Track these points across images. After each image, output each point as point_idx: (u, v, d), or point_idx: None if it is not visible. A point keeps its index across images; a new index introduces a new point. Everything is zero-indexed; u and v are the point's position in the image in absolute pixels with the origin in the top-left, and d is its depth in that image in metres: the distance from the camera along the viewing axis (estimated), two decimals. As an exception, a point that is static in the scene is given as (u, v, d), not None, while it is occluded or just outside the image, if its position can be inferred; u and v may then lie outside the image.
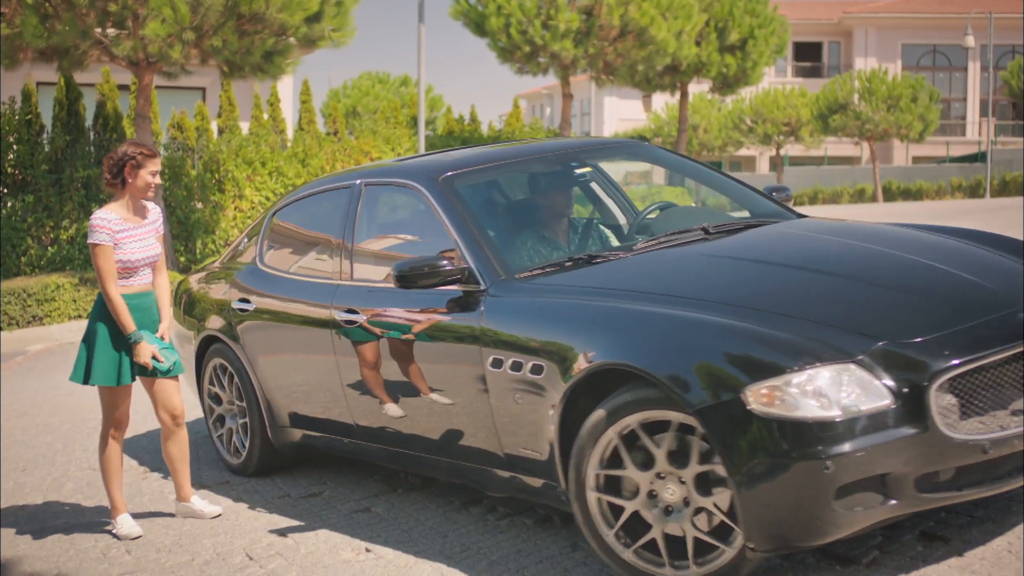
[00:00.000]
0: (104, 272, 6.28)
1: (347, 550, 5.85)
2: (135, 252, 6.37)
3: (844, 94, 50.92)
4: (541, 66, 30.49)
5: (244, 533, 6.37)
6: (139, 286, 6.44)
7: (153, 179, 6.38)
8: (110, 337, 6.37)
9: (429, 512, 6.33)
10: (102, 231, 6.29)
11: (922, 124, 50.68)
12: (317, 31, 21.55)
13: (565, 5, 28.38)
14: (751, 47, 36.67)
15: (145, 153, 6.39)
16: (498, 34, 29.08)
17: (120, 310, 6.29)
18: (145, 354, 6.32)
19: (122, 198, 6.43)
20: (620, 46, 29.51)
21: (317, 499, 6.89)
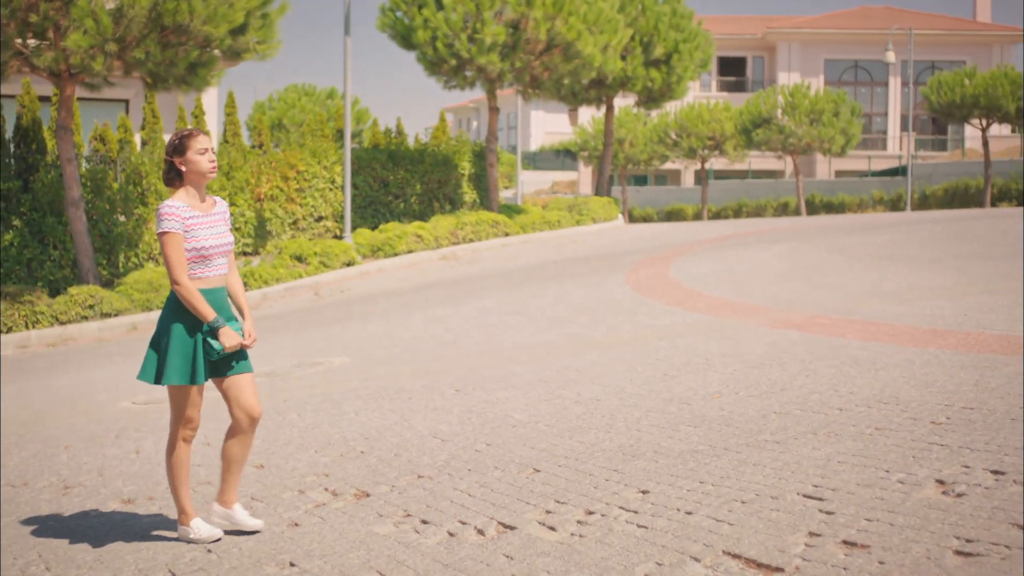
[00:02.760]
0: (174, 262, 5.91)
1: (271, 564, 5.79)
2: (208, 239, 6.03)
3: (767, 108, 51.41)
4: (468, 79, 30.51)
5: (168, 548, 6.29)
6: (214, 279, 6.08)
7: (203, 156, 6.02)
8: (184, 333, 6.00)
9: (354, 525, 6.29)
10: (171, 218, 5.92)
11: (844, 138, 51.27)
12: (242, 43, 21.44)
13: (492, 19, 28.41)
14: (676, 61, 36.94)
15: (185, 133, 6.07)
16: (425, 47, 29.05)
17: (195, 298, 5.92)
18: (232, 337, 5.99)
19: (183, 187, 6.08)
20: (546, 60, 29.60)
21: (241, 513, 6.82)
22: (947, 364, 8.59)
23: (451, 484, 6.89)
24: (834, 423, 7.11)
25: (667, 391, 8.82)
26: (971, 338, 9.67)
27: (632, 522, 5.65)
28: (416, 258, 26.55)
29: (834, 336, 10.58)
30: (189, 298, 5.92)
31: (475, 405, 9.34)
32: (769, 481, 6.01)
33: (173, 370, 5.98)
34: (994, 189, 52.26)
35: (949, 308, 11.64)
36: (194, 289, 5.93)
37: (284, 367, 13.14)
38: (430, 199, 31.44)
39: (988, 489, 5.42)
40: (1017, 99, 49.66)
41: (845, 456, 6.30)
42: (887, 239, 22.07)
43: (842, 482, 5.82)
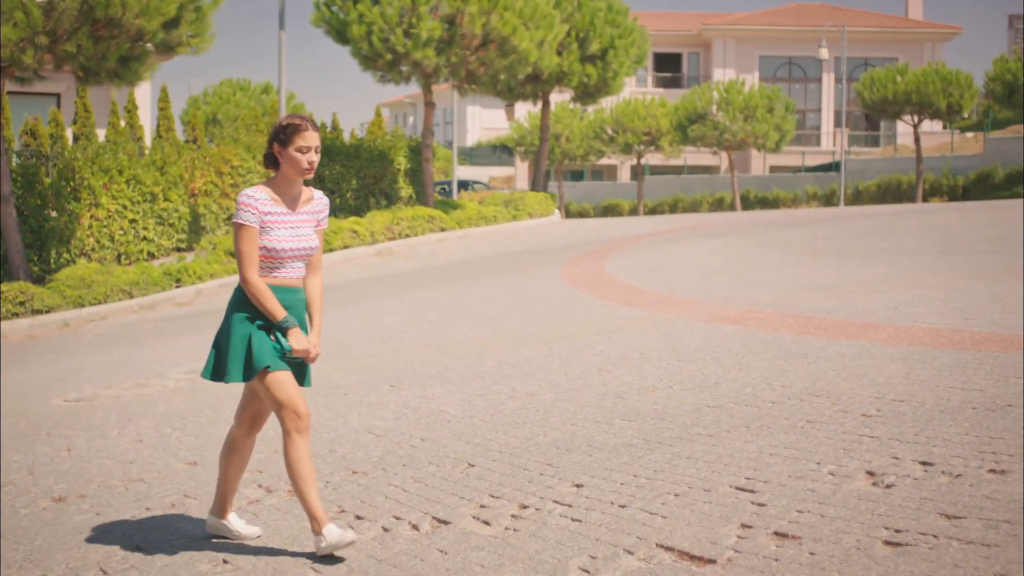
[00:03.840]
0: (244, 256, 5.43)
1: (204, 562, 5.75)
2: (283, 240, 5.49)
3: (703, 105, 51.71)
4: (403, 74, 30.44)
5: (100, 547, 6.23)
6: (284, 279, 5.55)
7: (305, 156, 5.47)
8: (248, 325, 5.51)
9: (289, 521, 6.26)
10: (248, 210, 5.44)
11: (778, 134, 51.66)
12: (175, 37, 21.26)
13: (427, 14, 28.35)
14: (612, 57, 37.05)
15: (294, 125, 5.50)
16: (360, 42, 28.94)
17: (263, 294, 5.43)
18: (302, 340, 5.50)
19: (276, 178, 5.57)
20: (482, 55, 29.57)
21: (177, 510, 6.77)
22: (878, 357, 8.68)
23: (385, 479, 6.87)
24: (766, 416, 7.17)
25: (602, 386, 8.86)
26: (901, 331, 9.78)
27: (566, 516, 5.66)
28: (352, 254, 26.45)
29: (768, 330, 10.66)
30: (258, 296, 5.44)
31: (410, 400, 9.33)
32: (702, 474, 6.04)
33: (235, 366, 5.47)
34: (925, 185, 52.88)
35: (880, 302, 11.77)
36: (263, 286, 5.45)
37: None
38: (366, 194, 31.34)
39: (917, 480, 5.48)
40: (947, 96, 50.27)
41: (777, 449, 6.35)
42: (820, 234, 22.28)
43: (774, 474, 5.87)
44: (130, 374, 13.02)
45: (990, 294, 11.66)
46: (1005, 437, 6.02)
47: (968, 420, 6.47)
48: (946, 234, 19.99)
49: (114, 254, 24.57)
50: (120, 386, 12.18)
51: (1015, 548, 4.45)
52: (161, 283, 21.99)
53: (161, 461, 8.22)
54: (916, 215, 27.38)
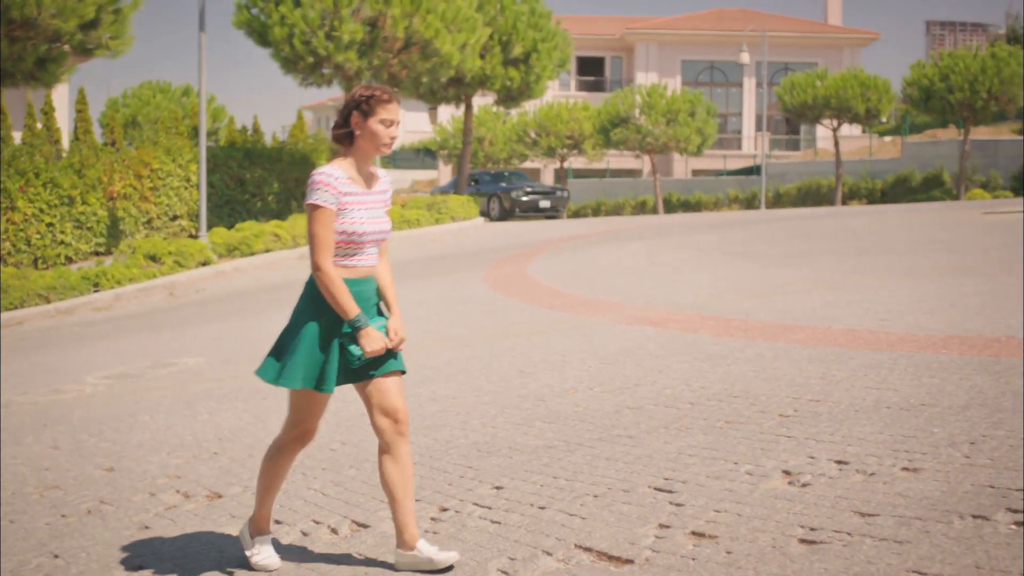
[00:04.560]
0: (320, 241, 4.91)
1: (119, 569, 5.69)
2: (363, 223, 5.00)
3: (625, 108, 51.95)
4: (325, 77, 30.32)
5: (13, 554, 6.14)
6: (363, 269, 5.07)
7: (388, 130, 5.00)
8: (318, 329, 5.01)
9: (206, 527, 6.20)
10: (326, 189, 4.92)
11: (700, 138, 52.02)
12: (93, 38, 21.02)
13: (349, 16, 28.26)
14: (534, 61, 37.14)
15: (377, 96, 5.00)
16: (281, 44, 28.78)
17: (337, 289, 4.92)
18: (376, 340, 4.96)
19: (350, 155, 5.07)
20: (404, 58, 29.54)
21: (94, 516, 6.69)
22: (795, 358, 8.78)
23: (305, 484, 6.84)
24: (685, 417, 7.22)
25: (523, 388, 8.87)
26: (819, 332, 9.89)
27: (485, 518, 5.67)
28: (274, 257, 26.29)
29: (688, 332, 10.74)
30: (331, 287, 4.91)
31: (330, 404, 9.27)
32: (621, 475, 6.07)
33: (296, 371, 5.00)
34: (845, 188, 53.50)
35: (798, 303, 11.89)
36: (338, 279, 4.93)
37: (137, 368, 12.91)
38: (288, 198, 31.16)
39: (832, 479, 5.55)
40: (866, 101, 50.90)
41: (695, 449, 6.40)
42: (741, 236, 22.48)
43: (692, 475, 5.91)
44: (47, 380, 12.85)
45: (906, 295, 11.82)
46: (918, 436, 6.11)
47: (882, 419, 6.55)
48: (864, 236, 20.25)
49: (31, 258, 24.24)
50: (36, 392, 12.01)
51: (927, 545, 4.52)
52: (79, 287, 21.72)
53: (77, 467, 8.12)
54: (835, 218, 27.70)
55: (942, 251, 16.35)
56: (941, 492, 5.16)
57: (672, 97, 52.04)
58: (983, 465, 5.47)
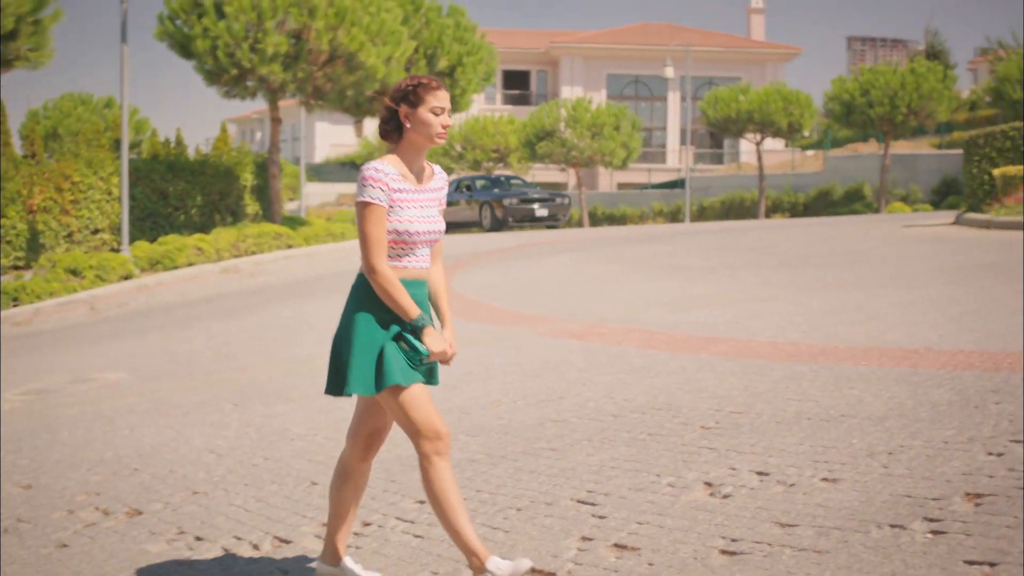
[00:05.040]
0: (372, 240, 4.59)
1: (36, 587, 5.61)
2: (416, 221, 4.69)
3: (551, 122, 52.14)
4: (249, 89, 30.14)
5: (-76, 574, 6.03)
6: (415, 271, 4.74)
7: (439, 118, 4.69)
8: (376, 327, 4.66)
9: (126, 544, 6.13)
10: (377, 186, 4.61)
11: (625, 152, 52.33)
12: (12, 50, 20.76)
13: (274, 29, 28.13)
14: (460, 74, 37.19)
15: (424, 84, 4.71)
16: (205, 57, 28.58)
17: (395, 289, 4.59)
18: (440, 341, 4.69)
19: (400, 150, 4.76)
20: (329, 71, 29.46)
21: (11, 535, 6.59)
22: (718, 370, 8.84)
23: (227, 500, 6.78)
24: (609, 429, 7.24)
25: (447, 401, 8.86)
26: (741, 344, 9.97)
27: (408, 532, 5.66)
28: (197, 271, 26.06)
29: (612, 344, 10.78)
30: (388, 288, 4.59)
31: (253, 419, 9.22)
32: (544, 488, 6.08)
33: (359, 375, 4.62)
34: (768, 201, 54.05)
35: (722, 315, 11.98)
36: (394, 278, 4.61)
37: (56, 384, 12.73)
38: (211, 211, 30.92)
39: (753, 490, 5.59)
40: (788, 115, 51.48)
41: (618, 462, 6.42)
42: (666, 250, 22.62)
43: (615, 487, 5.93)
44: (-37, 396, 12.64)
45: (827, 307, 11.95)
46: (837, 446, 6.17)
47: (803, 430, 6.62)
48: (786, 249, 20.45)
49: (-52, 272, 23.85)
50: (-48, 408, 11.81)
51: (845, 554, 4.57)
52: (-2, 302, 21.39)
53: (-6, 485, 7.99)
54: (758, 231, 27.96)
55: (863, 263, 16.56)
56: (859, 502, 5.22)
57: (597, 111, 52.31)
58: (900, 475, 5.54)
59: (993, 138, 26.17)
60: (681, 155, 69.35)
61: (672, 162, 71.14)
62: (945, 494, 5.15)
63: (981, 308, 10.87)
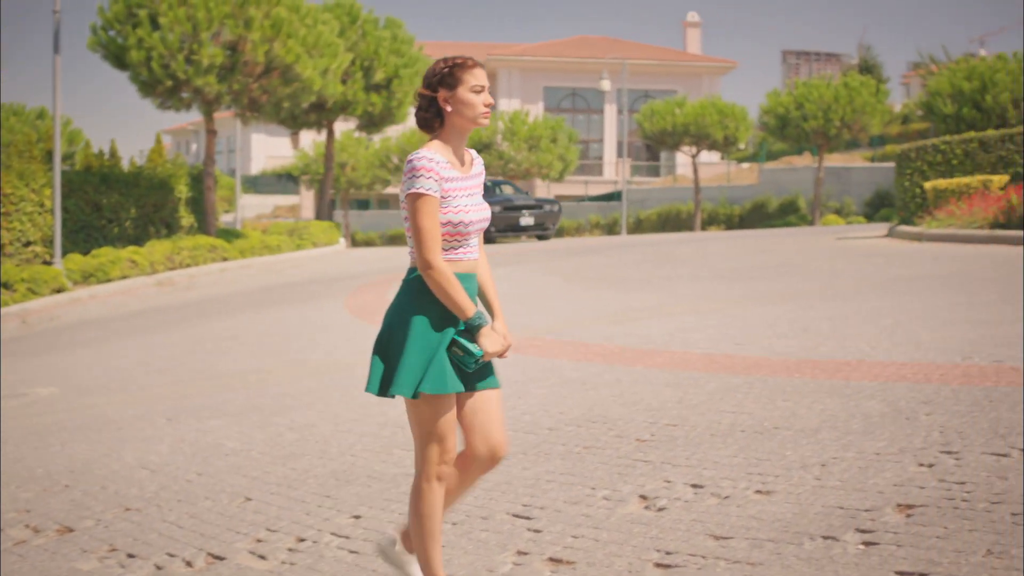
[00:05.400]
0: (427, 234, 4.25)
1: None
2: (469, 211, 4.38)
3: (488, 134, 52.20)
4: (184, 101, 29.94)
5: None
6: (468, 263, 4.43)
7: (480, 96, 4.39)
8: (428, 327, 4.32)
9: (56, 562, 6.06)
10: (429, 176, 4.27)
11: (562, 164, 52.50)
12: (-59, 60, 20.44)
13: (209, 40, 27.97)
14: (397, 86, 37.17)
15: (459, 63, 4.43)
16: (139, 68, 28.36)
17: (453, 286, 4.26)
18: (496, 341, 4.36)
19: (442, 136, 4.44)
20: (265, 83, 29.33)
21: (-67, 554, 6.49)
22: (653, 382, 8.87)
23: (160, 516, 6.71)
24: (544, 443, 7.24)
25: (382, 415, 8.83)
26: (676, 357, 10.02)
27: (344, 548, 5.62)
28: (130, 284, 25.83)
29: (548, 357, 10.79)
30: (444, 285, 4.26)
31: (187, 434, 9.13)
32: (479, 502, 6.07)
33: (408, 375, 4.29)
34: (704, 214, 54.39)
35: (657, 328, 12.03)
36: (451, 274, 4.28)
37: (-14, 399, 12.57)
38: (146, 223, 30.66)
39: (687, 502, 5.61)
40: (724, 128, 51.86)
41: (554, 475, 6.42)
42: (602, 262, 22.69)
43: (550, 500, 5.93)
44: None
45: (761, 319, 12.03)
46: (771, 459, 6.21)
47: (737, 443, 6.65)
48: (721, 262, 20.58)
49: None
50: None
51: (778, 566, 4.60)
52: (-73, 316, 21.08)
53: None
54: (694, 243, 28.12)
55: (796, 276, 16.69)
56: (793, 514, 5.25)
57: (534, 123, 52.46)
58: (833, 487, 5.58)
59: (924, 152, 26.51)
60: (618, 167, 69.63)
61: (609, 174, 71.40)
62: (877, 505, 5.20)
63: (913, 320, 10.99)
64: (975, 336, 9.61)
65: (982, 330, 9.91)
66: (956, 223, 21.84)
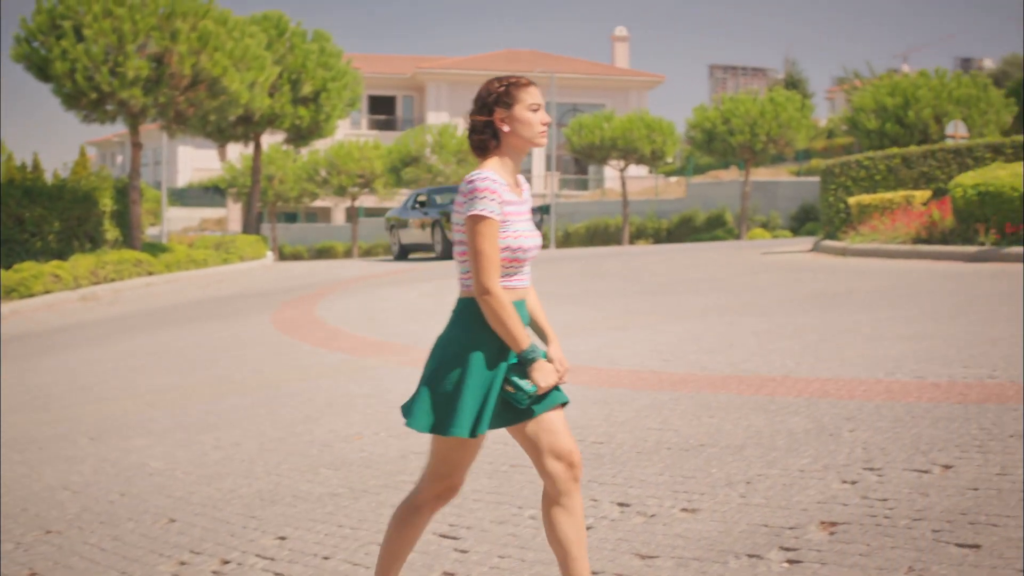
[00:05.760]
0: (488, 259, 4.04)
1: None
2: (527, 236, 4.18)
3: (416, 148, 52.19)
4: (109, 113, 29.63)
5: None
6: (520, 291, 4.24)
7: (536, 116, 4.20)
8: (484, 364, 4.09)
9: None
10: (492, 198, 4.06)
11: (491, 177, 52.43)
12: None
13: (134, 52, 27.71)
14: (324, 100, 37.06)
15: (515, 82, 4.24)
16: (63, 79, 28.03)
17: (508, 313, 4.05)
18: (550, 374, 4.14)
19: (499, 158, 4.24)
20: (192, 95, 29.10)
21: None
22: (580, 399, 8.87)
23: (81, 538, 6.62)
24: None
25: (308, 434, 8.77)
26: (603, 373, 10.04)
27: (268, 569, 5.58)
28: (54, 299, 25.48)
29: (475, 374, 10.74)
30: (501, 313, 4.05)
31: (110, 454, 9.02)
32: (406, 522, 6.04)
33: (466, 416, 4.07)
34: (632, 227, 54.65)
35: (584, 344, 12.04)
36: (508, 302, 4.08)
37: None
38: (70, 237, 30.27)
39: (613, 521, 5.62)
40: (651, 142, 52.17)
41: (480, 494, 6.41)
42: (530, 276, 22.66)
43: (477, 520, 5.92)
44: None
45: (688, 335, 12.09)
46: (697, 476, 6.25)
47: (663, 460, 6.68)
48: (649, 276, 20.67)
49: None
50: None
51: (703, 586, 4.62)
52: None
53: None
54: (622, 257, 28.24)
55: (723, 291, 16.78)
56: (718, 532, 5.28)
57: (463, 137, 52.46)
58: (758, 504, 5.62)
59: (848, 167, 26.82)
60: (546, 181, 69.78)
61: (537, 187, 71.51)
62: (801, 523, 5.24)
63: (837, 335, 11.09)
64: (898, 352, 9.72)
65: (905, 345, 10.03)
66: (880, 238, 22.11)
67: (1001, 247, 18.13)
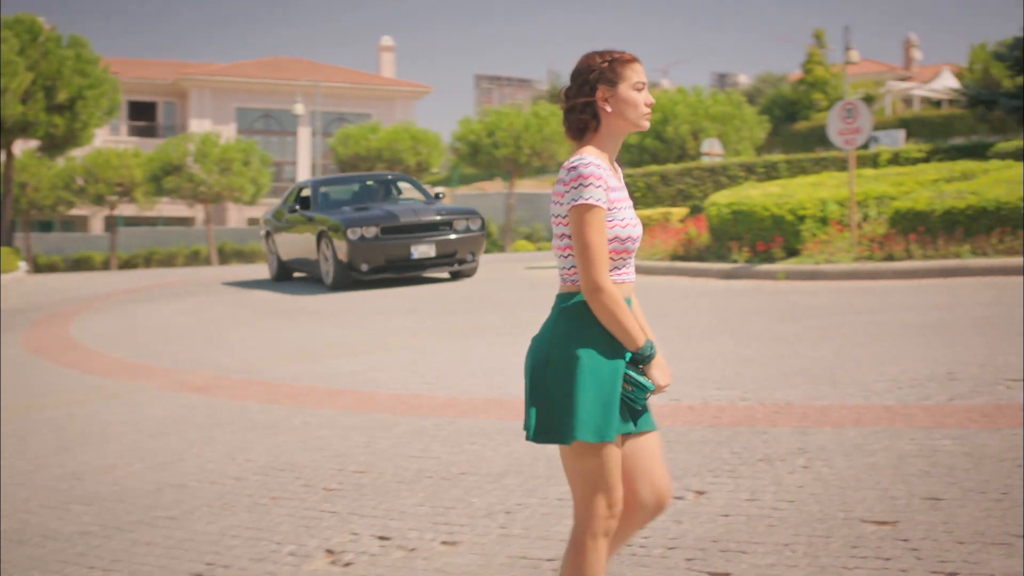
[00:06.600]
0: (598, 252, 3.70)
1: None
2: (635, 225, 3.85)
3: (178, 156, 51.08)
4: None
5: None
6: (628, 286, 3.88)
7: (641, 95, 3.85)
8: (602, 364, 3.74)
9: None
10: (598, 184, 3.72)
11: (254, 187, 51.88)
12: None
13: None
14: (81, 107, 36.02)
15: (618, 57, 3.85)
16: None
17: (621, 309, 3.72)
18: (667, 373, 3.88)
19: (598, 141, 3.88)
20: (-63, 102, 27.85)
21: None
22: (340, 426, 8.81)
23: None
24: (229, 494, 7.10)
25: (59, 467, 8.45)
26: (365, 397, 9.98)
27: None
28: None
29: (234, 399, 10.57)
30: (615, 310, 3.72)
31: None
32: (161, 561, 5.90)
33: (588, 419, 3.71)
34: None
35: (346, 366, 11.94)
36: (621, 298, 3.75)
37: None
38: None
39: (374, 556, 5.61)
40: (417, 153, 52.36)
41: (239, 529, 6.30)
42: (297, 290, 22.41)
43: (235, 558, 5.82)
44: None
45: (451, 356, 12.11)
46: (457, 506, 6.27)
47: (424, 490, 6.68)
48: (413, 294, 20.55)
49: None
50: None
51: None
52: None
53: None
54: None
55: (487, 309, 16.71)
56: (478, 565, 5.31)
57: (226, 146, 51.64)
58: (517, 535, 5.68)
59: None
60: (312, 191, 69.17)
61: (303, 198, 70.92)
62: (559, 554, 5.30)
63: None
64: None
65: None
66: (638, 254, 22.63)
67: (753, 264, 18.77)
